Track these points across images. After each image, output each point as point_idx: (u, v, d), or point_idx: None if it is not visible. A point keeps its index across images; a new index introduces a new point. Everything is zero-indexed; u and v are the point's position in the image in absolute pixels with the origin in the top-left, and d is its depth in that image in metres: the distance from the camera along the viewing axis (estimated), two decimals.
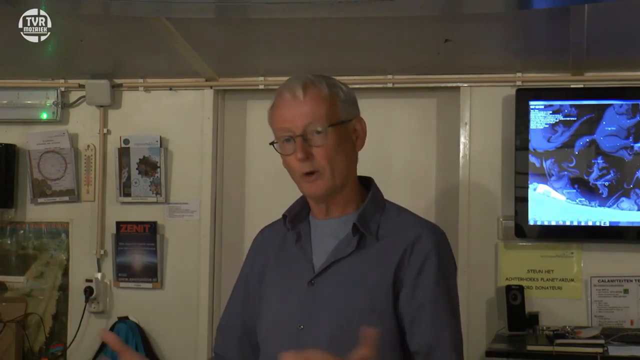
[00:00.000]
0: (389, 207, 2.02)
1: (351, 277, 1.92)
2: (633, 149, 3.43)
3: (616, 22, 3.01)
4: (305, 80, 1.95)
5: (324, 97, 1.93)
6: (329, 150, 1.91)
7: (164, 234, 3.89)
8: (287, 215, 2.05)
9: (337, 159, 1.93)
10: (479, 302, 3.58)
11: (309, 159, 1.91)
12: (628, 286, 3.51)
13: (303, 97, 1.92)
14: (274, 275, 2.05)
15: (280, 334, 1.97)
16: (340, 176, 1.94)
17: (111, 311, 3.91)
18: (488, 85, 3.64)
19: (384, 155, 3.77)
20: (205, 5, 2.87)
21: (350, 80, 3.61)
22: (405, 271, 1.90)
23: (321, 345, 1.89)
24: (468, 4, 2.89)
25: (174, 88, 3.91)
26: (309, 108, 1.91)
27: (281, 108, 1.94)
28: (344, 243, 1.96)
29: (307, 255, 1.99)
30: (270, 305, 2.02)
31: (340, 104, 1.96)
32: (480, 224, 3.61)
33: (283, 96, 1.94)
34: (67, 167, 3.94)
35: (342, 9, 2.76)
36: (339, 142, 1.93)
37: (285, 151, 1.95)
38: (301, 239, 2.02)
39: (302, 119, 1.91)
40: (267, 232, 2.15)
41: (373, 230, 1.96)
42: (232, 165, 3.93)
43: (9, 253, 4.02)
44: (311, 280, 1.95)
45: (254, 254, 2.14)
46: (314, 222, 2.03)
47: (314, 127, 1.91)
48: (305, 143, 1.91)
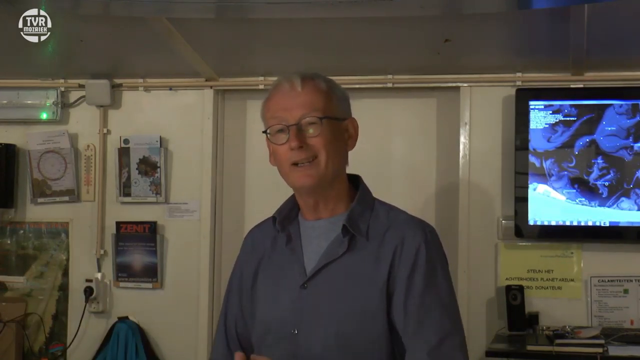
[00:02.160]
0: (377, 206, 2.02)
1: (343, 279, 1.92)
2: (633, 149, 3.43)
3: (616, 22, 3.00)
4: (304, 74, 1.97)
5: (322, 91, 1.95)
6: (325, 140, 1.92)
7: (164, 234, 3.89)
8: (276, 216, 2.04)
9: (332, 150, 1.93)
10: (479, 302, 3.58)
11: (303, 147, 1.91)
12: (628, 286, 3.51)
13: (301, 88, 1.93)
14: (265, 278, 2.04)
15: (274, 338, 1.97)
16: (332, 168, 1.94)
17: (111, 311, 3.91)
18: (488, 85, 3.64)
19: (384, 155, 3.78)
20: (205, 5, 2.87)
21: (350, 80, 3.62)
22: (397, 271, 1.90)
23: (315, 349, 1.89)
24: (468, 4, 2.89)
25: (174, 88, 3.91)
26: (307, 98, 1.93)
27: (278, 96, 1.95)
28: (334, 245, 1.95)
29: (298, 257, 1.99)
30: (263, 309, 2.02)
31: (337, 101, 1.98)
32: (480, 224, 3.61)
33: (281, 86, 1.96)
34: (67, 167, 3.93)
35: (342, 9, 2.75)
36: (333, 136, 1.94)
37: (277, 141, 1.94)
38: (291, 241, 2.01)
39: (298, 109, 1.92)
40: (257, 234, 2.14)
41: (363, 231, 1.95)
42: (232, 165, 3.93)
43: (9, 253, 4.02)
44: (304, 283, 1.95)
45: (244, 257, 2.13)
46: (304, 224, 2.02)
47: (310, 117, 1.91)
48: (299, 133, 1.91)
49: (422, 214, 2.13)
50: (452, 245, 3.54)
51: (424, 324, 1.87)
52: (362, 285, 1.90)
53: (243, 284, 2.09)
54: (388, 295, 1.89)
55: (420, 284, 1.88)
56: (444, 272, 1.95)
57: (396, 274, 1.89)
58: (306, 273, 1.95)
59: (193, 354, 3.82)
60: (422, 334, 1.86)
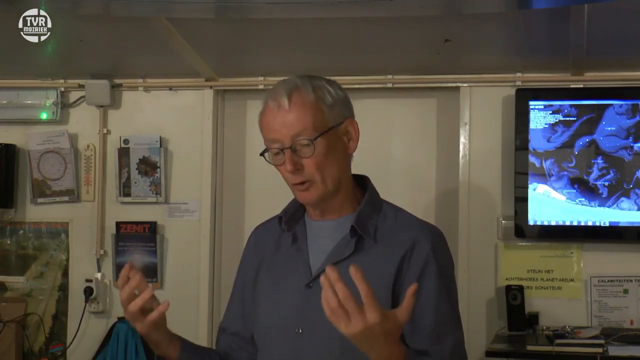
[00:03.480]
0: (385, 208, 2.00)
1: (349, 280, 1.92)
2: (633, 149, 3.43)
3: (616, 22, 3.00)
4: (290, 86, 1.91)
5: (310, 104, 1.89)
6: (318, 160, 1.89)
7: (163, 234, 3.89)
8: (282, 216, 2.03)
9: (328, 167, 1.91)
10: (479, 302, 3.58)
11: (299, 170, 1.90)
12: (628, 286, 3.51)
13: (288, 106, 1.88)
14: (269, 277, 2.03)
15: (277, 337, 1.96)
16: (332, 183, 1.92)
17: (111, 311, 3.91)
18: (488, 85, 3.64)
19: (384, 155, 3.78)
20: (205, 5, 2.87)
21: (350, 80, 3.62)
22: (405, 275, 1.89)
23: (320, 349, 1.89)
24: (468, 4, 2.89)
25: (173, 88, 3.91)
26: (294, 117, 1.88)
27: (268, 117, 1.92)
28: (341, 245, 1.95)
29: (304, 257, 1.98)
30: (266, 307, 2.01)
31: (327, 109, 1.91)
32: (480, 224, 3.61)
33: (268, 105, 1.92)
34: (67, 167, 3.93)
35: (342, 9, 2.75)
36: (329, 149, 1.90)
37: (276, 162, 1.93)
38: (297, 241, 2.00)
39: (288, 129, 1.88)
40: (261, 232, 2.13)
41: (371, 232, 1.94)
42: (232, 165, 3.93)
43: (8, 253, 4.02)
44: (309, 283, 1.94)
45: (248, 255, 2.13)
46: (310, 223, 2.02)
47: (302, 138, 1.88)
48: (294, 154, 1.89)
49: (422, 214, 2.12)
50: (452, 245, 3.47)
51: (425, 327, 1.87)
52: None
53: (245, 282, 2.09)
54: (394, 298, 1.88)
55: (427, 289, 1.88)
56: (451, 277, 1.96)
57: (404, 278, 1.89)
58: (311, 273, 1.95)
59: None
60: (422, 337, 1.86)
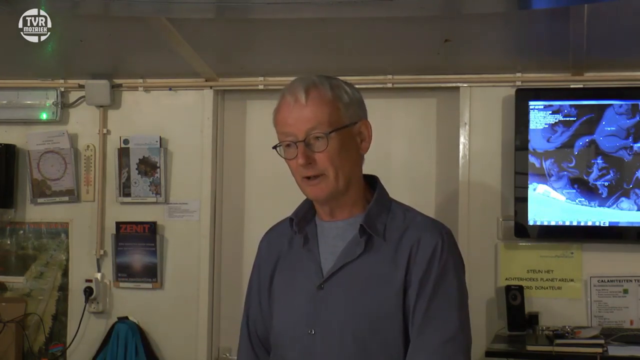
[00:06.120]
0: (394, 207, 2.02)
1: (361, 280, 1.92)
2: (633, 149, 3.43)
3: (616, 22, 3.00)
4: (308, 83, 1.93)
5: (327, 101, 1.92)
6: (331, 155, 1.91)
7: (163, 234, 3.89)
8: (293, 218, 2.04)
9: (340, 163, 1.92)
10: (479, 302, 3.58)
11: (311, 164, 1.91)
12: (628, 286, 3.51)
13: (305, 100, 1.91)
14: (282, 279, 2.04)
15: (290, 338, 1.97)
16: (343, 180, 1.93)
17: (111, 311, 3.91)
18: (488, 85, 3.64)
19: (384, 155, 3.77)
20: (205, 5, 2.87)
21: (350, 80, 3.58)
22: (411, 272, 1.90)
23: (332, 350, 1.89)
24: (468, 4, 2.89)
25: (173, 88, 3.91)
26: (311, 112, 1.90)
27: (284, 111, 1.94)
28: (352, 245, 1.95)
29: (315, 258, 1.99)
30: (279, 309, 2.02)
31: (344, 107, 1.95)
32: (480, 224, 3.61)
33: (286, 99, 1.94)
34: (67, 167, 3.93)
35: (342, 9, 2.75)
36: (342, 146, 1.92)
37: (287, 155, 1.95)
38: (308, 242, 2.01)
39: (304, 123, 1.90)
40: (272, 236, 2.14)
41: (380, 231, 1.95)
42: (232, 165, 3.93)
43: (8, 253, 4.03)
44: (321, 284, 1.95)
45: (261, 261, 2.13)
46: (321, 224, 2.03)
47: (316, 132, 1.90)
48: (307, 148, 1.90)
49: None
50: None
51: (430, 325, 1.87)
52: (378, 286, 1.90)
53: (261, 286, 2.10)
54: (404, 296, 1.89)
55: (431, 286, 1.89)
56: (458, 275, 1.95)
57: (411, 275, 1.90)
58: (323, 274, 1.96)
59: (193, 354, 3.82)
60: (427, 335, 1.87)
